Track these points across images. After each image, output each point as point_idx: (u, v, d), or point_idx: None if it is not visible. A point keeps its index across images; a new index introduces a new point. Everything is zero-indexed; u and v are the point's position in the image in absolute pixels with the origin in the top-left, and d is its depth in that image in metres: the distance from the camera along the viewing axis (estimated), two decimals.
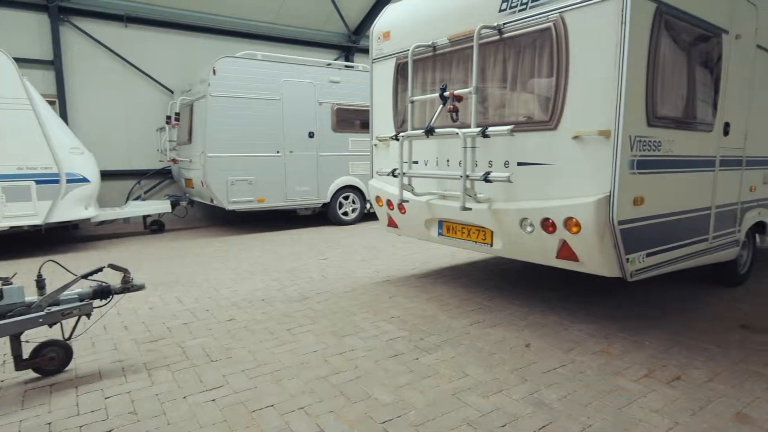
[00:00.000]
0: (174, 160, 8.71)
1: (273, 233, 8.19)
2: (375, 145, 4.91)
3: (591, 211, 3.12)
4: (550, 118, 3.36)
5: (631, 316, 4.02)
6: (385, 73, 4.67)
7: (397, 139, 4.26)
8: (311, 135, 8.15)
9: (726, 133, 4.04)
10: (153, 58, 9.59)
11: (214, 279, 5.30)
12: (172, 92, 9.69)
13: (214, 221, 9.69)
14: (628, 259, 3.25)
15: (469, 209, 3.71)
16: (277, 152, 7.89)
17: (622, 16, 2.93)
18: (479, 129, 3.51)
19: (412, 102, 4.15)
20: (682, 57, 3.48)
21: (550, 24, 3.29)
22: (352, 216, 8.85)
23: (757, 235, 5.05)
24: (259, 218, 9.71)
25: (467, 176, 3.62)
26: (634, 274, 3.34)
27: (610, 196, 3.09)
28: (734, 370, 3.07)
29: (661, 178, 3.42)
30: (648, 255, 3.42)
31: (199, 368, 3.16)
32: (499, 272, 5.42)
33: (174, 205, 8.35)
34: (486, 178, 3.51)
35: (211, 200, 7.85)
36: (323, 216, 8.96)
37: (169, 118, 8.71)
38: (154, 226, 8.42)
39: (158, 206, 8.19)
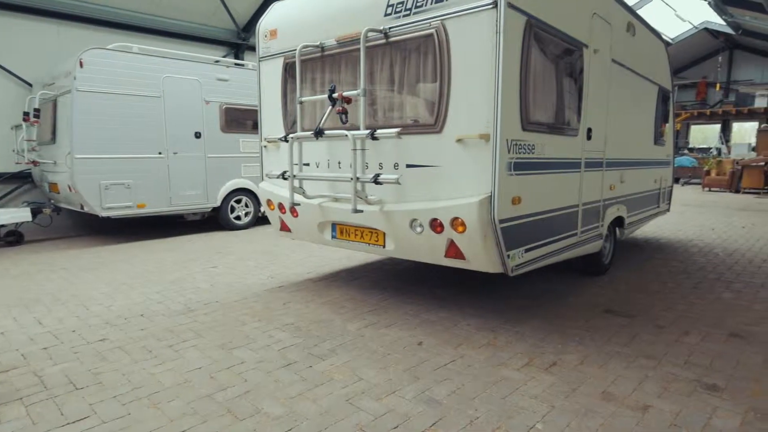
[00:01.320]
0: (35, 162, 7.65)
1: (156, 241, 7.54)
2: (264, 146, 4.72)
3: (474, 211, 3.26)
4: (435, 121, 3.47)
5: (513, 308, 4.30)
6: (274, 72, 4.50)
7: (287, 141, 4.12)
8: (198, 135, 7.64)
9: (589, 137, 4.48)
10: (8, 46, 8.35)
11: (84, 295, 4.72)
12: (30, 85, 8.51)
13: (86, 230, 8.68)
14: (509, 256, 3.45)
15: (361, 211, 3.70)
16: (159, 153, 7.27)
17: (497, 26, 3.11)
18: (368, 131, 3.52)
19: (301, 103, 4.04)
20: (551, 67, 3.78)
21: (433, 30, 3.40)
22: (246, 220, 8.46)
23: (617, 228, 5.69)
24: (140, 225, 8.90)
25: (358, 178, 3.60)
26: (515, 269, 3.56)
27: (491, 196, 3.26)
28: (600, 352, 3.40)
29: (535, 179, 3.68)
30: (526, 250, 3.67)
31: (60, 399, 2.76)
32: (394, 272, 5.50)
33: (35, 212, 7.32)
34: (376, 180, 3.52)
35: (82, 207, 7.01)
36: (214, 221, 8.45)
37: (26, 114, 7.62)
38: (10, 238, 7.31)
39: (15, 214, 7.13)
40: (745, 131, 20.57)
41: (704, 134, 22.16)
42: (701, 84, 21.07)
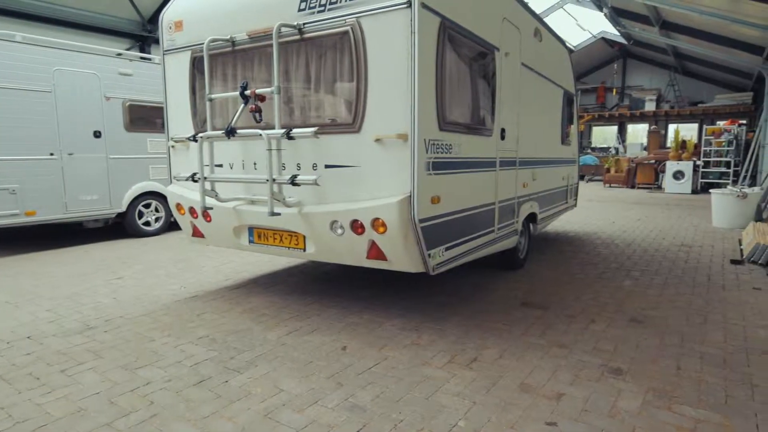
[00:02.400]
0: None
1: (51, 252, 6.78)
2: (172, 146, 4.38)
3: (395, 211, 3.23)
4: (353, 121, 3.40)
5: (436, 305, 4.34)
6: (180, 66, 4.19)
7: (196, 141, 3.85)
8: (97, 135, 6.97)
9: (503, 137, 4.65)
10: None
11: None
12: None
13: None
14: (429, 255, 3.47)
15: (278, 214, 3.54)
16: (51, 155, 6.54)
17: (411, 26, 3.10)
18: (283, 131, 3.37)
19: (211, 100, 3.79)
20: (465, 69, 3.86)
21: (348, 28, 3.32)
22: (156, 226, 7.87)
23: (530, 224, 5.97)
24: (32, 236, 7.98)
25: (274, 180, 3.44)
26: (436, 268, 3.59)
27: (410, 196, 3.25)
28: (518, 344, 3.51)
29: (454, 178, 3.74)
30: (447, 249, 3.71)
31: None
32: (317, 275, 5.37)
33: None
34: (293, 182, 3.38)
35: None
36: (120, 228, 7.78)
37: None
38: None
39: None
40: (638, 132, 22.68)
41: (604, 135, 24.13)
42: (600, 89, 22.92)
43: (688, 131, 19.92)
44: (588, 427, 2.47)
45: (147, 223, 7.77)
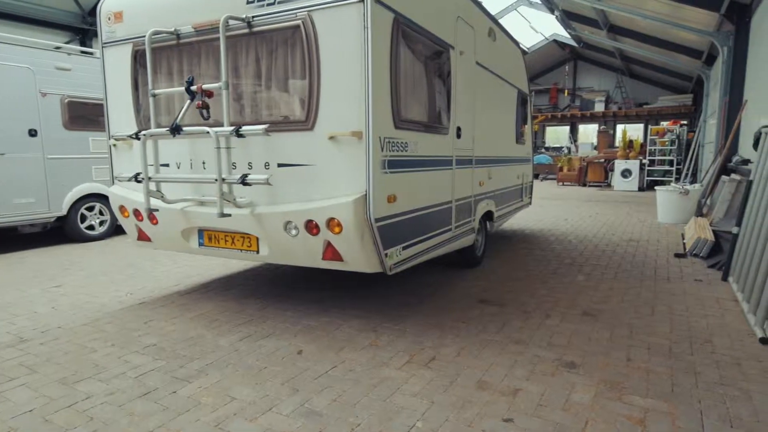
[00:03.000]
0: None
1: None
2: (113, 145, 4.14)
3: (350, 211, 3.17)
4: (306, 118, 3.30)
5: (395, 305, 4.31)
6: (121, 60, 3.96)
7: (139, 139, 3.64)
8: (33, 133, 6.52)
9: (459, 136, 4.66)
10: None
11: None
12: None
13: None
14: (386, 254, 3.42)
15: (229, 215, 3.40)
16: None
17: (364, 21, 3.04)
18: (232, 128, 3.23)
19: (155, 96, 3.60)
20: (420, 67, 3.84)
21: (299, 22, 3.23)
22: (101, 230, 7.46)
23: (487, 222, 6.04)
24: None
25: (223, 179, 3.30)
26: (393, 268, 3.55)
27: (366, 195, 3.19)
28: (475, 341, 3.52)
29: (410, 177, 3.71)
30: (404, 248, 3.68)
31: None
32: (274, 277, 5.23)
33: None
34: (243, 181, 3.25)
35: None
36: (61, 232, 7.32)
37: None
38: None
39: None
40: (589, 132, 23.58)
41: (557, 135, 24.95)
42: (553, 90, 23.68)
43: (635, 131, 20.87)
44: (543, 421, 2.49)
45: (91, 227, 7.35)
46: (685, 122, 18.39)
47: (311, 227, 3.33)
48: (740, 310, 4.15)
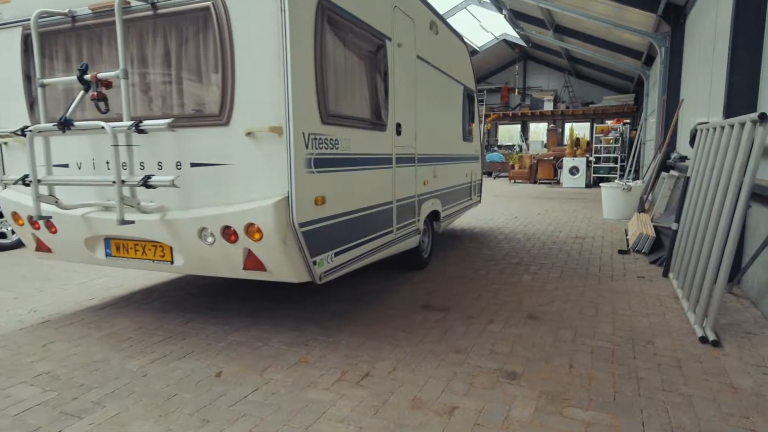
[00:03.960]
0: None
1: None
2: (5, 143, 3.63)
3: (270, 215, 2.85)
4: (220, 111, 2.96)
5: (332, 314, 4.01)
6: (8, 46, 3.47)
7: (25, 135, 3.17)
8: None
9: (399, 133, 4.42)
10: None
11: None
12: None
13: None
14: (315, 262, 3.12)
15: (131, 222, 3.00)
16: None
17: (281, 3, 2.72)
18: (131, 123, 2.84)
19: (43, 86, 3.15)
20: (353, 58, 3.56)
21: (209, 3, 2.87)
22: (14, 238, 6.74)
23: (433, 222, 5.85)
24: None
25: (123, 181, 2.90)
26: (324, 276, 3.25)
27: (288, 197, 2.88)
28: (414, 353, 3.28)
29: (342, 176, 3.42)
30: (337, 254, 3.39)
31: None
32: (202, 288, 4.81)
33: None
34: (146, 183, 2.87)
35: None
36: None
37: None
38: None
39: None
40: (540, 130, 24.06)
41: (510, 133, 25.34)
42: (504, 89, 24.00)
43: (582, 130, 21.44)
44: None
45: (3, 235, 6.64)
46: (627, 121, 19.05)
47: (229, 234, 2.99)
48: (680, 307, 4.12)
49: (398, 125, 4.39)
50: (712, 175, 4.03)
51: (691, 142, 5.23)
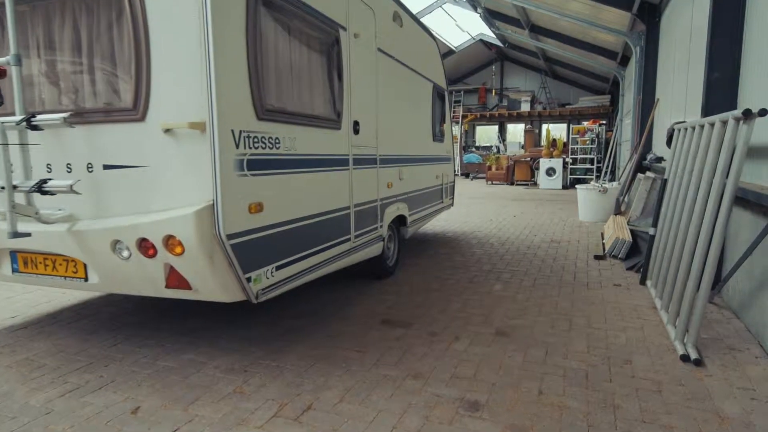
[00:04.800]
0: None
1: None
2: None
3: (191, 226, 2.44)
4: (134, 105, 2.54)
5: (281, 332, 3.61)
6: None
7: None
8: None
9: (357, 131, 4.05)
10: None
11: None
12: None
13: None
14: (250, 279, 2.72)
15: (27, 234, 2.56)
16: None
17: None
18: (21, 117, 2.40)
19: None
20: (297, 46, 3.17)
21: None
22: None
23: (400, 228, 5.49)
24: None
25: (15, 187, 2.46)
26: (262, 294, 2.86)
27: (213, 204, 2.48)
28: (367, 378, 2.90)
29: (286, 180, 3.03)
30: (279, 268, 2.99)
31: None
32: (141, 302, 4.35)
33: None
34: (40, 189, 2.43)
35: None
36: None
37: None
38: None
39: None
40: (517, 131, 23.96)
41: (488, 134, 25.20)
42: (481, 90, 23.85)
43: (559, 131, 21.41)
44: None
45: None
46: (603, 122, 19.05)
47: (146, 247, 2.57)
48: (659, 319, 3.84)
49: (356, 123, 4.02)
50: (692, 177, 3.76)
51: (668, 143, 4.98)
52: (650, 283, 4.63)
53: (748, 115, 2.84)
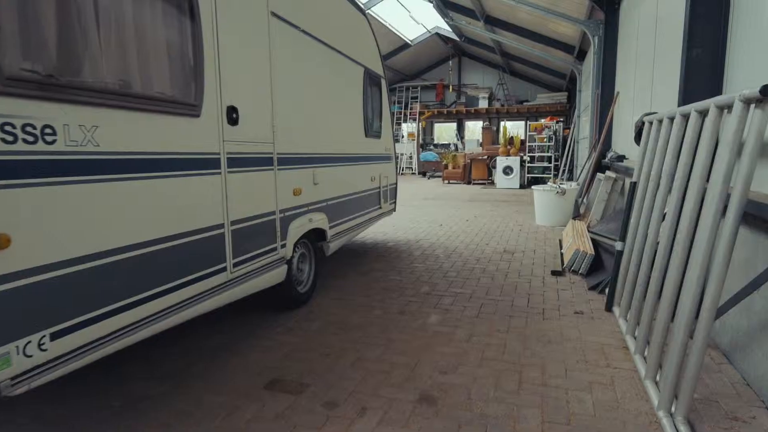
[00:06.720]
0: None
1: None
2: None
3: None
4: None
5: (122, 408, 2.48)
6: None
7: None
8: None
9: (233, 121, 2.95)
10: None
11: None
12: None
13: None
14: None
15: None
16: None
17: None
18: None
19: None
20: None
21: None
22: None
23: (319, 244, 4.43)
24: None
25: None
26: (18, 384, 1.73)
27: None
28: None
29: (68, 193, 1.91)
30: (57, 336, 1.87)
31: None
32: None
33: None
34: None
35: None
36: None
37: None
38: None
39: None
40: (476, 129, 23.30)
41: (447, 132, 24.46)
42: (439, 86, 23.03)
43: (517, 128, 20.87)
44: None
45: None
46: (561, 119, 18.57)
47: None
48: (633, 368, 2.93)
49: (231, 110, 2.93)
50: (674, 182, 2.87)
51: (637, 139, 4.13)
52: (618, 311, 3.75)
53: (766, 93, 1.93)
